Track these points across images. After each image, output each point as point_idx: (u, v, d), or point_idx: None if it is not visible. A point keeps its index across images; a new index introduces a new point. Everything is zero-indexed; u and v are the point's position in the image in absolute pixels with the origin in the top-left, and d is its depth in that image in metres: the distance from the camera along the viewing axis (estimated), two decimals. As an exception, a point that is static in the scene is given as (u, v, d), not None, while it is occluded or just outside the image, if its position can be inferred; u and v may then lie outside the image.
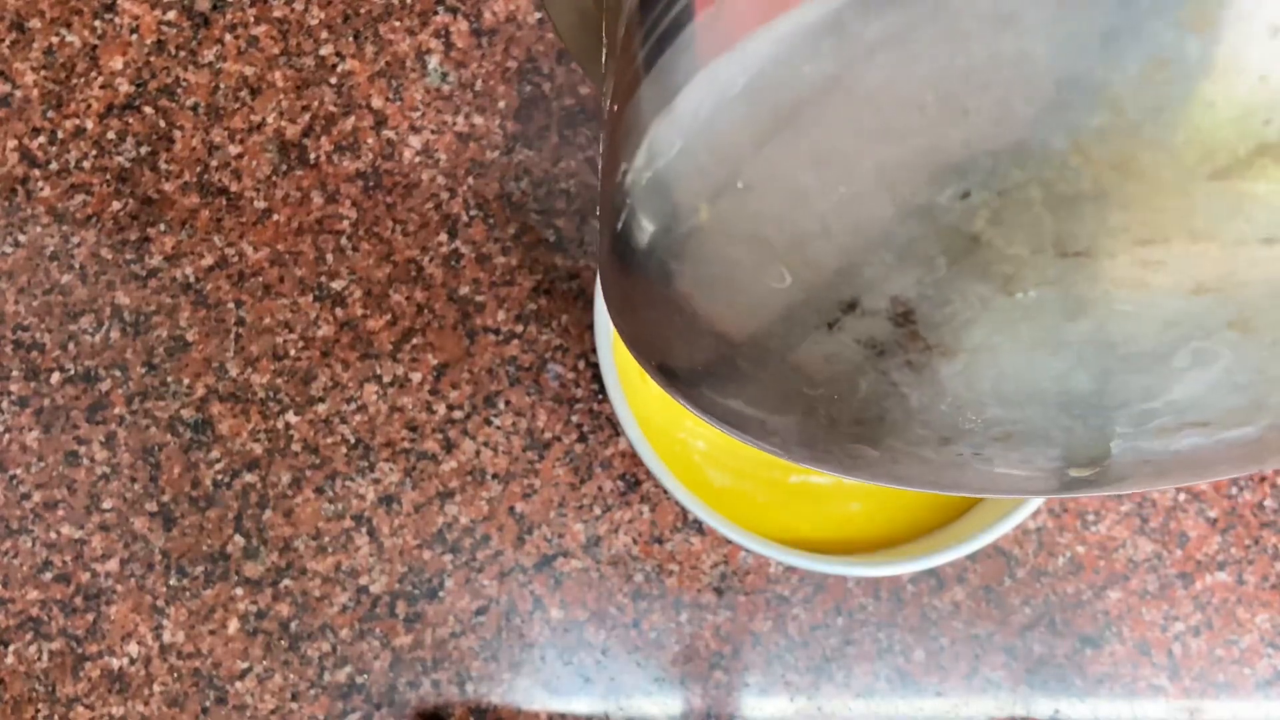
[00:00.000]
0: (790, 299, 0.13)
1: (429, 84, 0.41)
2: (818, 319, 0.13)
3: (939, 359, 0.13)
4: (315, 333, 0.40)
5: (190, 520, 0.40)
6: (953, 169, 0.11)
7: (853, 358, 0.13)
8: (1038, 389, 0.13)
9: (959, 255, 0.12)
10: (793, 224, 0.12)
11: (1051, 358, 0.13)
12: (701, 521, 0.36)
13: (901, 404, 0.14)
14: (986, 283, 0.12)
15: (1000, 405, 0.14)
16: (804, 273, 0.12)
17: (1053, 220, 0.11)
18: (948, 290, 0.12)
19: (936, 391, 0.14)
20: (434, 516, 0.40)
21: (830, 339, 0.13)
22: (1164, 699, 0.39)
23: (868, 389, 0.14)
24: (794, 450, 0.16)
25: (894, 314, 0.13)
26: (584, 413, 0.40)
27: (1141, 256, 0.11)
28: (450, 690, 0.39)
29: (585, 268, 0.41)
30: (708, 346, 0.14)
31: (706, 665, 0.39)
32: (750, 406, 0.16)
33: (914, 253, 0.12)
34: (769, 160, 0.11)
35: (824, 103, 0.11)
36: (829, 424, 0.15)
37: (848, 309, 0.13)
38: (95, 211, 0.41)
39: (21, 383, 0.40)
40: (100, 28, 0.42)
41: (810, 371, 0.14)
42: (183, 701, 0.39)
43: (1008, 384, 0.13)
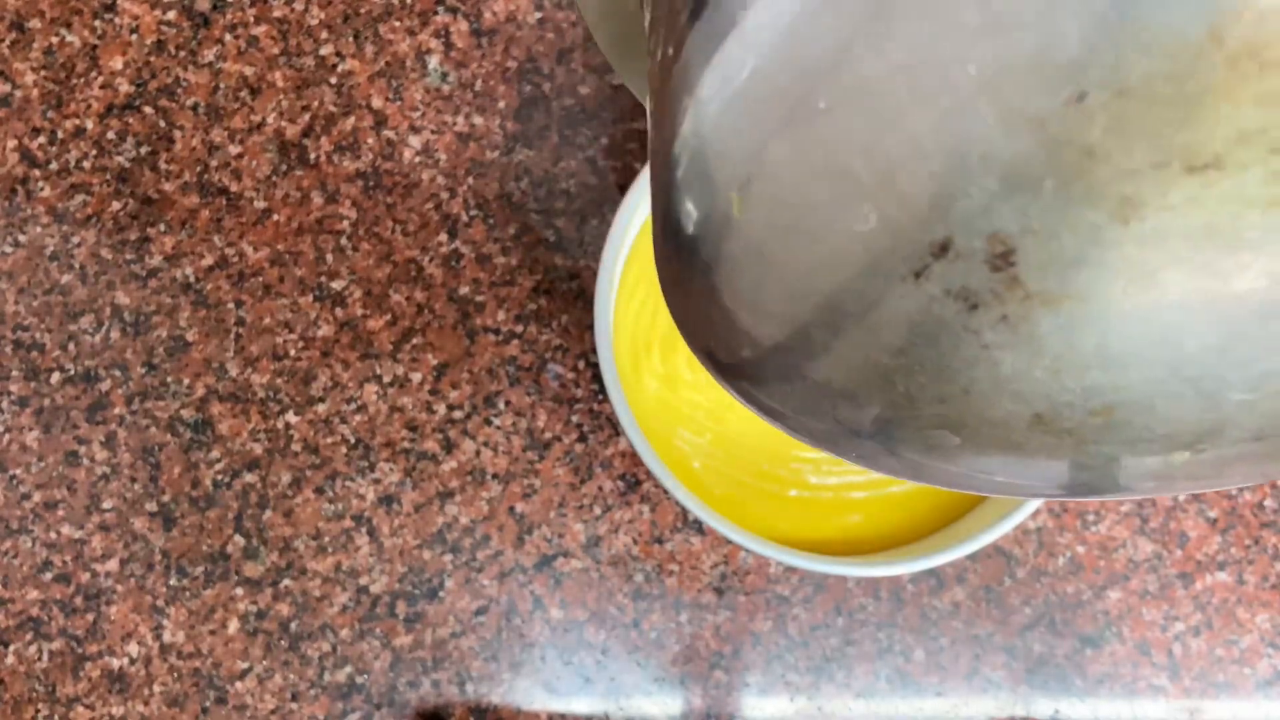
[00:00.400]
0: (874, 244, 0.11)
1: (429, 84, 0.41)
2: (904, 268, 0.12)
3: (1039, 310, 0.11)
4: (315, 333, 0.40)
5: (190, 520, 0.40)
6: (1067, 67, 0.09)
7: (941, 314, 0.12)
8: (1146, 345, 0.12)
9: (1071, 174, 0.10)
10: (882, 148, 0.11)
11: (1164, 305, 0.11)
12: (701, 521, 0.36)
13: (992, 371, 0.12)
14: (1100, 209, 0.10)
15: (1103, 367, 0.12)
16: (892, 209, 0.11)
17: (1181, 124, 0.10)
18: (1056, 221, 0.11)
19: (1033, 352, 0.12)
20: (434, 516, 0.40)
21: (916, 292, 0.12)
22: (1164, 699, 0.39)
23: (954, 353, 0.12)
24: (865, 446, 0.15)
25: (992, 255, 0.11)
26: (584, 413, 0.40)
27: (1276, 168, 0.10)
28: (450, 690, 0.39)
29: (585, 268, 0.41)
30: (776, 312, 0.13)
31: (706, 665, 0.39)
32: (821, 393, 0.14)
33: (1020, 175, 0.10)
34: (854, 73, 0.10)
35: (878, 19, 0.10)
36: (908, 404, 0.13)
37: (939, 252, 0.11)
38: (95, 211, 0.41)
39: (21, 383, 0.40)
40: (100, 28, 0.42)
41: (890, 337, 0.12)
42: (183, 701, 0.39)
43: (1115, 339, 0.12)
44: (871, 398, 0.13)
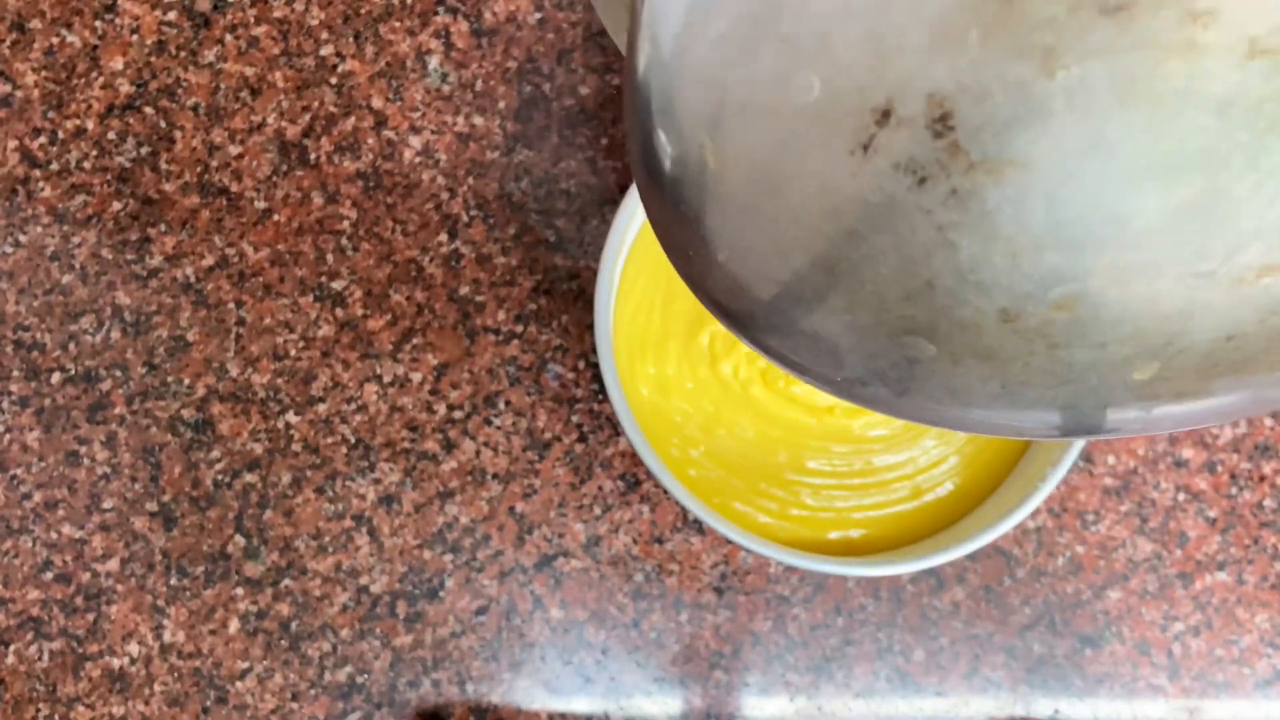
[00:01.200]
0: (820, 115, 0.12)
1: (429, 84, 0.41)
2: (851, 140, 0.12)
3: (985, 180, 0.11)
4: (315, 333, 0.40)
5: (191, 520, 0.40)
6: None
7: (893, 191, 0.12)
8: (1095, 219, 0.11)
9: (993, 21, 0.10)
10: (818, 11, 0.11)
11: (1103, 169, 0.11)
12: (701, 521, 0.36)
13: (952, 259, 0.12)
14: (1025, 60, 0.10)
15: (1057, 248, 0.12)
16: (832, 75, 0.11)
17: None
18: (985, 75, 0.11)
19: (987, 232, 0.12)
20: (434, 516, 0.40)
21: (866, 168, 0.12)
22: (1163, 699, 0.39)
23: (913, 238, 0.12)
24: (848, 359, 0.14)
25: (931, 120, 0.11)
26: (584, 413, 0.40)
27: (1189, 5, 0.10)
28: (450, 690, 0.39)
29: (585, 268, 0.41)
30: (769, 266, 0.13)
31: (706, 665, 0.39)
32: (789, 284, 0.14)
33: (947, 26, 0.11)
34: None
35: None
36: (878, 305, 0.13)
37: (882, 119, 0.11)
38: (96, 212, 0.41)
39: (22, 383, 0.40)
40: (101, 28, 0.42)
41: (848, 219, 0.12)
42: (183, 701, 0.39)
43: (1061, 211, 0.11)
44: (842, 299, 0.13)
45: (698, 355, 0.37)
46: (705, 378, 0.37)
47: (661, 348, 0.37)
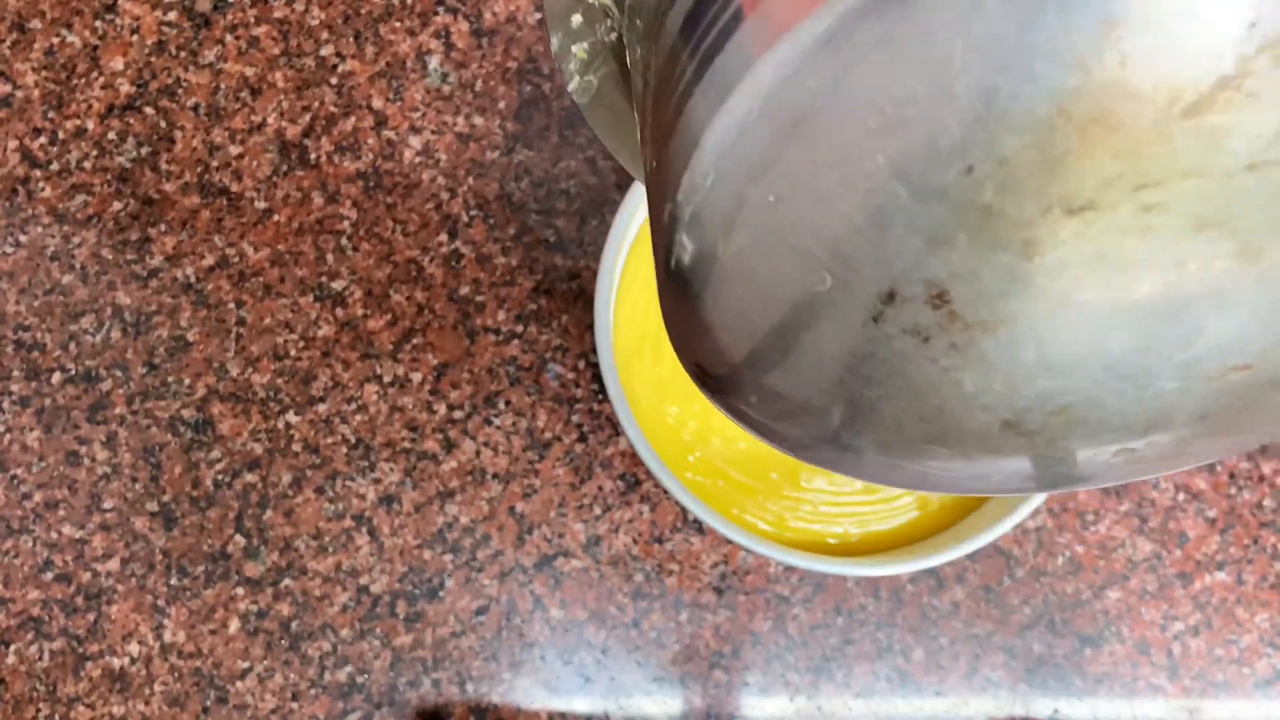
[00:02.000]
0: (834, 300, 0.14)
1: (429, 84, 0.41)
2: (862, 314, 0.14)
3: (981, 335, 0.14)
4: (316, 333, 0.40)
5: (191, 520, 0.40)
6: (953, 149, 0.12)
7: (901, 348, 0.14)
8: (1079, 352, 0.14)
9: (977, 229, 0.12)
10: (825, 227, 0.13)
11: (1083, 318, 0.13)
12: (701, 521, 0.36)
13: (957, 390, 0.15)
14: (1008, 252, 0.13)
15: (1048, 375, 0.14)
16: (842, 272, 0.13)
17: (1053, 179, 0.12)
18: (975, 265, 0.13)
19: (986, 370, 0.14)
20: (434, 516, 0.40)
21: (877, 333, 0.14)
22: (1163, 698, 0.39)
23: (922, 379, 0.15)
24: (872, 462, 0.17)
25: (930, 297, 0.13)
26: (584, 413, 0.40)
27: (1141, 201, 0.12)
28: (451, 690, 0.39)
29: (585, 268, 0.41)
30: (768, 365, 0.16)
31: (706, 665, 0.39)
32: (821, 424, 0.16)
33: (937, 234, 0.13)
34: (792, 171, 0.13)
35: (830, 110, 0.12)
36: (896, 427, 0.16)
37: (887, 300, 0.14)
38: (96, 212, 0.41)
39: (22, 383, 0.40)
40: (101, 28, 0.42)
41: (865, 370, 0.15)
42: (183, 701, 0.39)
43: (1049, 351, 0.14)
44: (866, 428, 0.16)
45: None
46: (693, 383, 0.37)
47: (657, 348, 0.37)
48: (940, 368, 0.14)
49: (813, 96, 0.12)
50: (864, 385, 0.15)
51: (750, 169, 0.13)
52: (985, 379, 0.14)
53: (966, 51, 0.11)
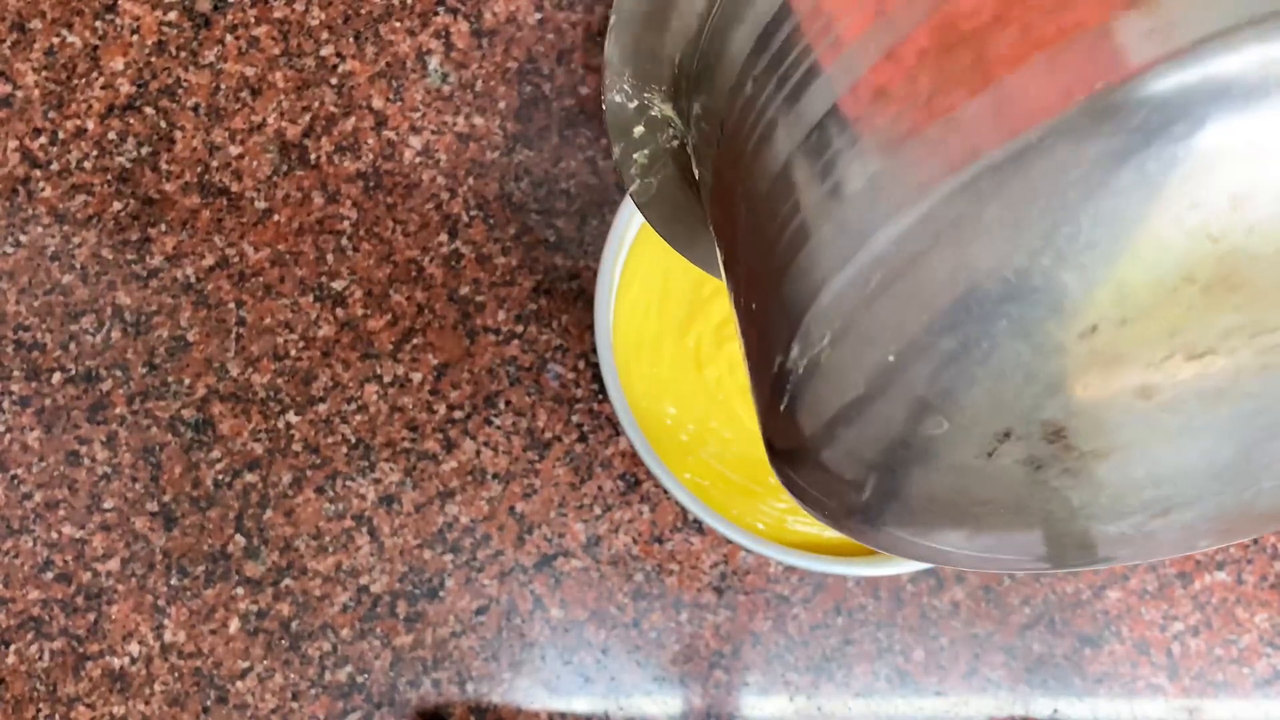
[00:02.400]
0: (950, 439, 0.15)
1: (429, 84, 0.41)
2: (977, 451, 0.15)
3: (1094, 461, 0.15)
4: (316, 333, 0.40)
5: (191, 520, 0.40)
6: (1079, 310, 0.13)
7: (1013, 475, 0.15)
8: (1187, 466, 0.15)
9: (1098, 378, 0.13)
10: (944, 381, 0.14)
11: (1195, 440, 0.14)
12: (701, 521, 0.36)
13: (1065, 505, 0.16)
14: (1127, 394, 0.14)
15: (1155, 486, 0.15)
16: (959, 418, 0.14)
17: (1176, 334, 0.13)
18: (1094, 407, 0.14)
19: (1095, 487, 0.15)
20: (434, 516, 0.40)
21: (991, 464, 0.15)
22: (1163, 698, 0.39)
23: (1029, 498, 0.16)
24: (971, 562, 0.18)
25: (1046, 434, 0.14)
26: (584, 413, 0.40)
27: (1259, 345, 0.13)
28: (451, 690, 0.39)
29: (585, 268, 0.41)
30: (885, 497, 0.16)
31: (706, 665, 0.39)
32: (938, 540, 0.17)
33: (1058, 384, 0.13)
34: (913, 332, 0.13)
35: (951, 277, 0.13)
36: (995, 535, 0.17)
37: (1003, 438, 0.14)
38: (96, 212, 0.41)
39: (23, 383, 0.40)
40: (101, 28, 0.42)
41: (977, 494, 0.16)
42: (184, 701, 0.39)
43: (1159, 468, 0.15)
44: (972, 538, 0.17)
45: (686, 356, 0.37)
46: (693, 382, 0.37)
47: (656, 348, 0.37)
48: (1050, 487, 0.15)
49: (934, 265, 0.13)
50: (975, 505, 0.16)
51: (868, 330, 0.13)
52: (1093, 495, 0.15)
53: (1094, 228, 0.12)
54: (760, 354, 0.16)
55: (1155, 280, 0.12)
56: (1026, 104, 0.12)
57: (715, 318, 0.37)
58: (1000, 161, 0.12)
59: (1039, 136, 0.11)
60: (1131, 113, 0.11)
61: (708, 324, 0.37)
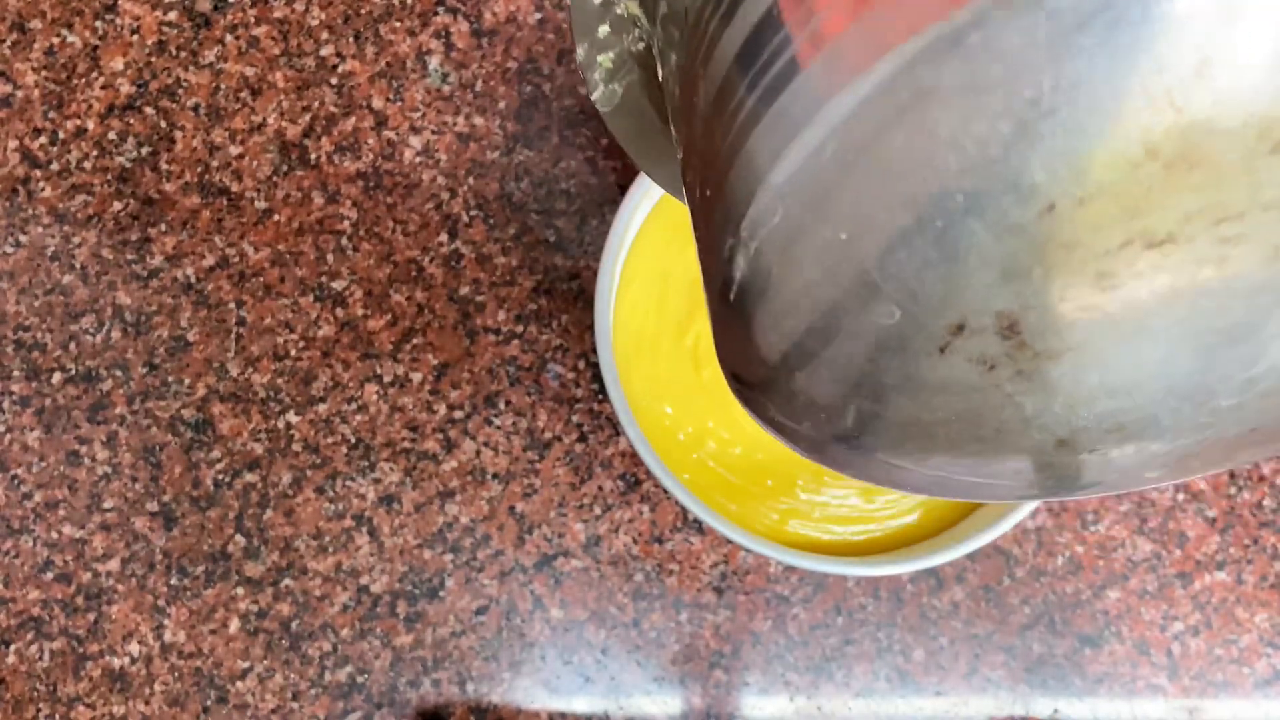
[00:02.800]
0: (901, 331, 0.14)
1: (429, 84, 0.41)
2: (929, 346, 0.14)
3: (1047, 363, 0.14)
4: (316, 333, 0.40)
5: (191, 520, 0.40)
6: (1035, 188, 0.12)
7: (966, 377, 0.14)
8: (1142, 375, 0.14)
9: (1054, 263, 0.13)
10: (896, 263, 0.13)
11: (1151, 343, 0.14)
12: (701, 521, 0.36)
13: (1018, 412, 0.15)
14: (1083, 283, 0.13)
15: (1109, 396, 0.15)
16: (910, 306, 0.14)
17: (1135, 216, 0.12)
18: (1049, 297, 0.13)
19: (1048, 394, 0.15)
20: (434, 516, 0.40)
21: (942, 362, 0.14)
22: (1163, 698, 0.39)
23: (983, 404, 0.15)
24: (920, 481, 0.17)
25: (1000, 328, 0.14)
26: (584, 413, 0.40)
27: (1220, 234, 0.12)
28: (451, 690, 0.39)
29: (585, 268, 0.41)
30: (868, 419, 0.16)
31: (706, 665, 0.39)
32: (877, 449, 0.17)
33: (1012, 268, 0.13)
34: (864, 210, 0.13)
35: (907, 150, 0.12)
36: (949, 447, 0.16)
37: (956, 331, 0.14)
38: (96, 212, 0.41)
39: (23, 383, 0.40)
40: (101, 28, 0.42)
41: (927, 398, 0.15)
42: (184, 701, 0.39)
43: (1113, 375, 0.14)
44: (919, 450, 0.16)
45: (684, 356, 0.37)
46: (691, 382, 0.37)
47: (655, 348, 0.37)
48: (1003, 393, 0.15)
49: (889, 136, 0.12)
50: (921, 409, 0.15)
51: (821, 207, 0.13)
52: (1045, 401, 0.15)
53: (1055, 93, 0.11)
54: (710, 252, 0.15)
55: (1116, 153, 0.12)
56: None
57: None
58: (964, 23, 0.11)
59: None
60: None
61: (705, 324, 0.37)
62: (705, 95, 0.15)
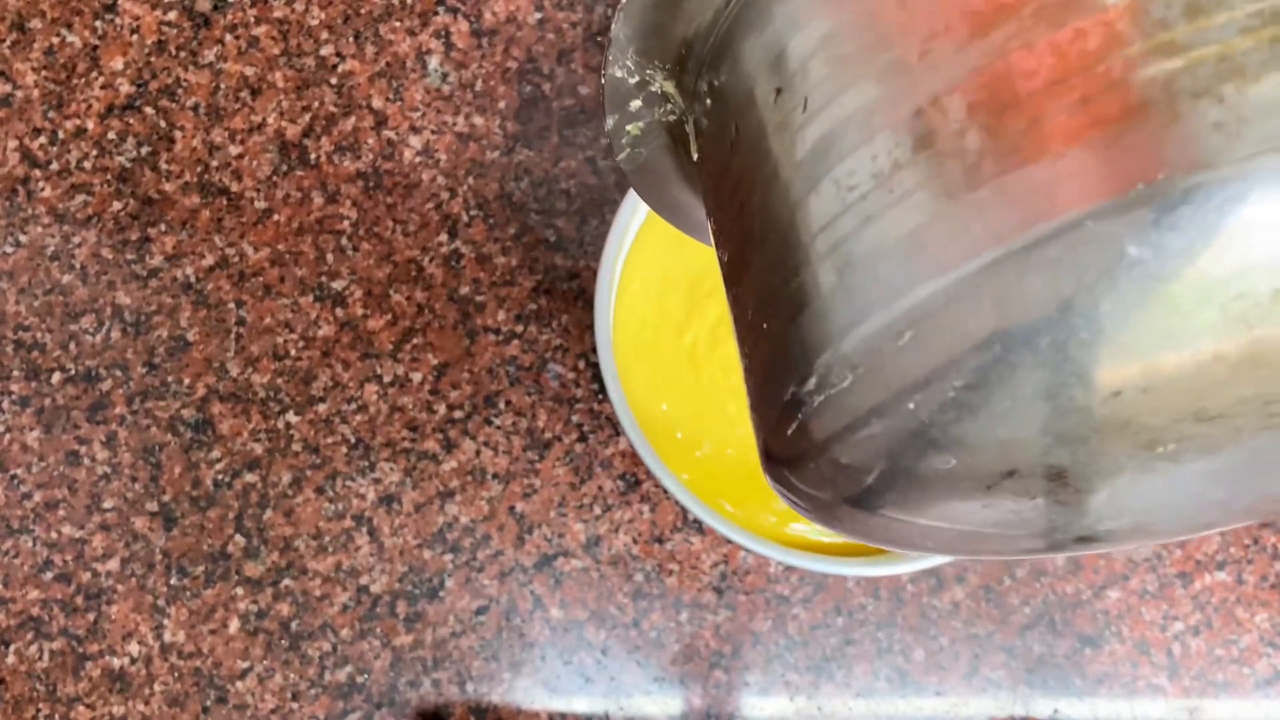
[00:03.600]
0: (953, 473, 0.15)
1: (429, 84, 0.41)
2: (978, 484, 0.15)
3: (1087, 496, 0.15)
4: (316, 333, 0.40)
5: (191, 520, 0.40)
6: (1107, 381, 0.13)
7: (1006, 502, 0.16)
8: (1173, 500, 0.16)
9: (1110, 434, 0.14)
10: (960, 429, 0.14)
11: (1187, 482, 0.15)
12: (701, 521, 0.36)
13: (1046, 523, 0.17)
14: (1133, 447, 0.14)
15: (1141, 514, 0.16)
16: (967, 459, 0.15)
17: (1194, 401, 0.13)
18: (1099, 455, 0.14)
19: (1080, 514, 0.16)
20: (434, 516, 0.40)
21: (988, 495, 0.15)
22: (1163, 698, 0.39)
23: (1016, 516, 0.16)
24: (918, 537, 0.19)
25: (1049, 475, 0.15)
26: (584, 413, 0.40)
27: (1269, 412, 0.14)
28: (451, 690, 0.39)
29: (585, 268, 0.41)
30: (889, 483, 0.16)
31: (706, 665, 0.39)
32: (889, 511, 0.18)
33: (1070, 436, 0.14)
34: (936, 388, 0.14)
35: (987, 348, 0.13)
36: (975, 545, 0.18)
37: (1006, 476, 0.15)
38: (96, 212, 0.41)
39: (22, 382, 0.40)
40: (101, 28, 0.42)
41: (962, 509, 0.16)
42: (183, 701, 0.39)
43: (1148, 501, 0.16)
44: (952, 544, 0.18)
45: (683, 355, 0.37)
46: (689, 382, 0.37)
47: (655, 347, 0.37)
48: (1038, 511, 0.16)
49: (967, 329, 0.13)
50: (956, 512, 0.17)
51: (891, 383, 0.14)
52: (1076, 518, 0.16)
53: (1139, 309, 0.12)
54: (767, 377, 0.16)
55: (1187, 358, 0.13)
56: (1084, 182, 0.12)
57: (711, 317, 0.37)
58: (1051, 236, 0.12)
59: (1094, 215, 0.12)
60: (1192, 204, 0.11)
61: (704, 323, 0.37)
62: (765, 220, 0.16)
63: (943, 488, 0.15)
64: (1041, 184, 0.12)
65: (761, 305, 0.16)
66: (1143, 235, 0.12)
